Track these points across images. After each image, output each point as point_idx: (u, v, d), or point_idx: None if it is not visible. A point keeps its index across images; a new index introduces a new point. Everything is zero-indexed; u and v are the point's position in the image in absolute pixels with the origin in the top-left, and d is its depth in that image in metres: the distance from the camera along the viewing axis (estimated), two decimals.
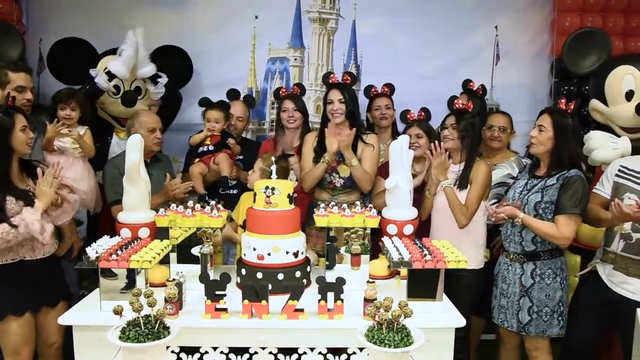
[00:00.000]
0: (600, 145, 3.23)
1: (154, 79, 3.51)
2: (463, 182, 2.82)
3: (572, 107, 2.64)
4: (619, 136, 3.34)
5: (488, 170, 2.86)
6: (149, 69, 3.45)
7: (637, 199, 2.40)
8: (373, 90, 3.61)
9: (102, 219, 3.22)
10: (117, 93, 3.43)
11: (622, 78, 3.37)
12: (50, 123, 2.92)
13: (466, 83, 3.64)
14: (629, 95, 3.35)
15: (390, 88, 3.60)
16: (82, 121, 3.10)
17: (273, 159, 2.61)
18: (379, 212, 2.64)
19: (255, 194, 2.47)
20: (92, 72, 3.31)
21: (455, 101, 2.97)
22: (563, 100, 2.68)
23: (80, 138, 2.99)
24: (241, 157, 3.45)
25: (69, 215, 2.66)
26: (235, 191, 3.31)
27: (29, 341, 2.49)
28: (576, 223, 2.55)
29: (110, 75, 3.29)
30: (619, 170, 2.65)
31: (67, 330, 2.22)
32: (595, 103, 3.52)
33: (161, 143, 3.13)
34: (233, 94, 3.63)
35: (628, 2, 3.81)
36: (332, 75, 3.15)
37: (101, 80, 3.27)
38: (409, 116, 3.21)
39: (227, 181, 3.18)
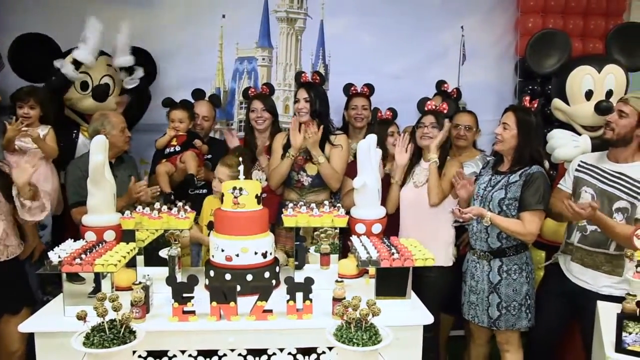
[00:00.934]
0: (561, 144, 3.32)
1: (130, 70, 3.47)
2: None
3: (535, 105, 2.71)
4: (580, 134, 3.44)
5: (458, 168, 2.91)
6: (128, 59, 3.42)
7: (591, 198, 2.49)
8: (352, 89, 3.62)
9: (68, 222, 3.14)
10: (85, 89, 3.36)
11: (581, 78, 3.48)
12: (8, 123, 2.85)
13: (440, 84, 3.69)
14: (589, 94, 3.46)
15: (370, 89, 3.62)
16: (45, 120, 3.02)
17: (240, 159, 2.59)
18: (348, 212, 2.65)
19: (223, 196, 2.45)
20: (57, 63, 3.19)
21: (428, 103, 3.01)
22: (527, 98, 2.76)
23: (40, 140, 2.91)
24: (209, 156, 3.42)
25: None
26: (204, 191, 3.28)
27: None
28: (540, 218, 2.62)
29: (77, 64, 3.18)
30: (579, 165, 2.74)
31: (31, 337, 2.15)
32: (557, 102, 3.62)
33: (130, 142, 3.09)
34: (198, 93, 3.60)
35: (587, 5, 3.92)
36: (303, 75, 3.15)
37: (68, 70, 3.15)
38: (378, 115, 3.24)
39: (194, 179, 3.14)
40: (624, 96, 2.57)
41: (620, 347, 1.97)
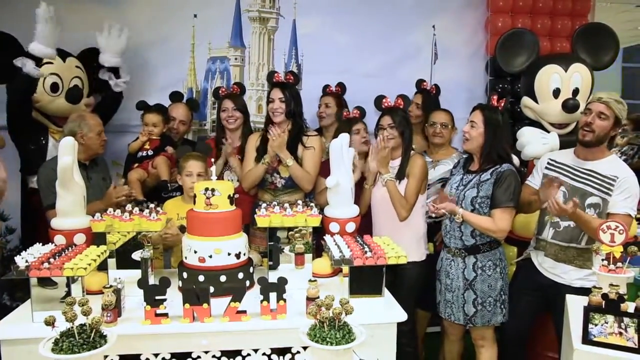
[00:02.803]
0: (531, 141, 3.39)
1: (115, 72, 3.45)
2: (400, 174, 2.91)
3: (502, 104, 2.76)
4: (548, 132, 3.52)
5: (423, 163, 2.95)
6: (116, 60, 3.43)
7: (563, 196, 2.56)
8: (328, 89, 3.68)
9: (39, 226, 3.07)
10: (55, 91, 3.29)
11: (549, 76, 3.55)
12: None
13: (419, 83, 3.72)
14: (556, 92, 3.53)
15: (341, 88, 3.67)
16: None
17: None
18: (322, 210, 2.66)
19: (193, 199, 2.43)
20: (17, 62, 3.07)
21: (384, 100, 3.03)
22: (495, 97, 2.80)
23: None
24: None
25: None
26: (178, 194, 3.24)
27: None
28: (511, 215, 2.67)
29: (37, 60, 3.07)
30: (548, 164, 2.80)
31: None
32: (526, 100, 3.68)
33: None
34: (176, 96, 3.56)
35: (553, 5, 4.01)
36: (276, 74, 3.13)
37: (29, 68, 3.03)
38: (344, 115, 3.25)
39: (166, 185, 3.11)
40: (602, 98, 2.57)
41: (586, 339, 2.02)
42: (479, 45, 4.22)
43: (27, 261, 2.05)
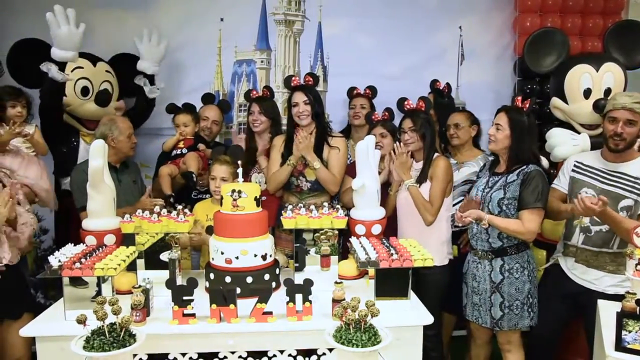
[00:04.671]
0: (561, 142, 3.32)
1: (151, 79, 3.52)
2: (422, 177, 2.89)
3: (527, 105, 2.71)
4: (579, 133, 3.44)
5: (446, 165, 2.91)
6: (155, 69, 3.51)
7: (595, 195, 2.49)
8: (356, 91, 3.69)
9: (71, 227, 3.15)
10: (85, 94, 3.38)
11: (580, 77, 3.48)
12: None
13: (433, 83, 3.69)
14: (587, 93, 3.46)
15: (372, 91, 3.68)
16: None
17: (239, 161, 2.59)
18: (348, 210, 2.66)
19: (222, 199, 2.46)
20: (43, 67, 3.11)
21: (405, 103, 3.01)
22: (519, 98, 2.76)
23: (32, 138, 2.91)
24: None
25: (27, 235, 2.59)
26: (208, 196, 3.28)
27: None
28: (539, 217, 2.62)
29: (60, 65, 3.09)
30: (575, 166, 2.74)
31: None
32: (556, 101, 3.62)
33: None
34: (208, 98, 3.61)
35: (584, 4, 3.92)
36: (293, 78, 3.15)
37: (54, 72, 3.07)
38: (373, 117, 3.24)
39: (192, 176, 3.14)
40: (625, 104, 2.50)
41: (620, 346, 1.96)
42: (506, 46, 4.16)
43: (60, 261, 2.10)
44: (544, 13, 3.96)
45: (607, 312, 2.23)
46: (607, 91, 3.44)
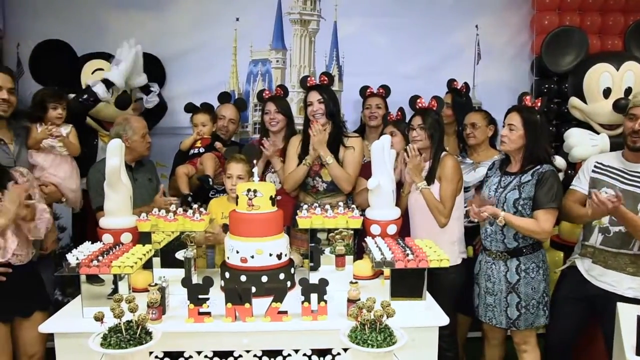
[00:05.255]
0: (579, 142, 3.29)
1: (146, 89, 3.54)
2: (430, 177, 2.86)
3: (539, 103, 2.68)
4: (598, 133, 3.40)
5: (454, 164, 2.87)
6: (142, 79, 3.50)
7: (614, 192, 2.45)
8: (369, 90, 3.66)
9: (89, 226, 3.19)
10: None
11: (599, 76, 3.44)
12: (32, 123, 2.91)
13: (450, 82, 3.67)
14: (607, 92, 3.41)
15: (385, 90, 3.66)
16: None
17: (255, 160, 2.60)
18: (363, 211, 2.65)
19: (237, 198, 2.46)
20: (90, 82, 3.27)
21: (418, 101, 2.99)
22: (528, 97, 2.73)
23: (66, 138, 2.96)
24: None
25: (41, 230, 2.61)
26: (225, 195, 3.29)
27: (3, 352, 2.44)
28: (554, 216, 2.60)
29: (107, 84, 3.26)
30: (595, 167, 2.70)
31: (51, 340, 2.18)
32: (574, 101, 3.57)
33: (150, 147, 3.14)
34: (224, 97, 3.62)
35: (604, 1, 3.86)
36: (309, 78, 3.15)
37: (101, 90, 3.23)
38: (389, 118, 3.23)
39: (207, 179, 3.16)
40: None
41: None
42: (523, 45, 4.11)
43: (77, 259, 2.12)
44: (562, 11, 3.91)
45: (626, 315, 2.20)
46: (628, 90, 3.39)
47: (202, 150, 3.34)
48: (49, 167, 2.94)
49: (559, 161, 3.40)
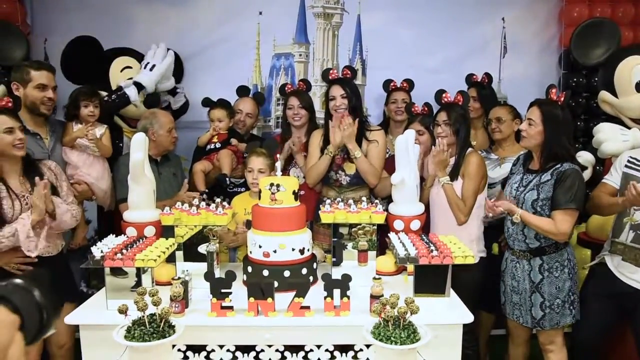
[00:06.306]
0: (609, 137, 3.19)
1: (172, 90, 3.58)
2: (454, 173, 2.82)
3: (562, 98, 2.59)
4: (629, 128, 3.30)
5: (479, 161, 2.82)
6: (171, 82, 3.55)
7: None
8: (392, 84, 3.62)
9: (113, 218, 3.23)
10: None
11: (632, 68, 3.32)
12: (68, 121, 2.97)
13: (469, 77, 3.61)
14: (639, 86, 3.30)
15: (409, 84, 3.61)
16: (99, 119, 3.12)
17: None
18: (387, 205, 2.62)
19: (259, 192, 2.46)
20: (122, 83, 3.32)
21: (444, 95, 2.94)
22: (554, 91, 2.63)
23: (99, 140, 3.00)
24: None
25: (68, 225, 2.65)
26: (243, 189, 3.30)
27: None
28: (572, 217, 2.51)
29: (139, 87, 3.30)
30: (628, 161, 2.63)
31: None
32: (604, 95, 3.47)
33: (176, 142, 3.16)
34: (242, 90, 3.62)
35: None
36: (331, 71, 3.10)
37: (133, 93, 3.28)
38: (413, 109, 3.19)
39: (224, 179, 3.16)
40: None
41: None
42: (551, 38, 4.02)
43: (102, 251, 2.14)
44: (592, 2, 3.81)
45: None
46: None
47: (218, 145, 3.33)
48: (82, 166, 2.98)
49: (586, 157, 3.31)
